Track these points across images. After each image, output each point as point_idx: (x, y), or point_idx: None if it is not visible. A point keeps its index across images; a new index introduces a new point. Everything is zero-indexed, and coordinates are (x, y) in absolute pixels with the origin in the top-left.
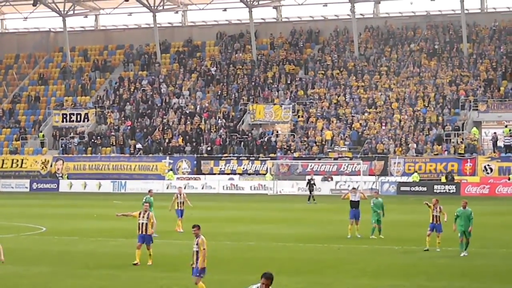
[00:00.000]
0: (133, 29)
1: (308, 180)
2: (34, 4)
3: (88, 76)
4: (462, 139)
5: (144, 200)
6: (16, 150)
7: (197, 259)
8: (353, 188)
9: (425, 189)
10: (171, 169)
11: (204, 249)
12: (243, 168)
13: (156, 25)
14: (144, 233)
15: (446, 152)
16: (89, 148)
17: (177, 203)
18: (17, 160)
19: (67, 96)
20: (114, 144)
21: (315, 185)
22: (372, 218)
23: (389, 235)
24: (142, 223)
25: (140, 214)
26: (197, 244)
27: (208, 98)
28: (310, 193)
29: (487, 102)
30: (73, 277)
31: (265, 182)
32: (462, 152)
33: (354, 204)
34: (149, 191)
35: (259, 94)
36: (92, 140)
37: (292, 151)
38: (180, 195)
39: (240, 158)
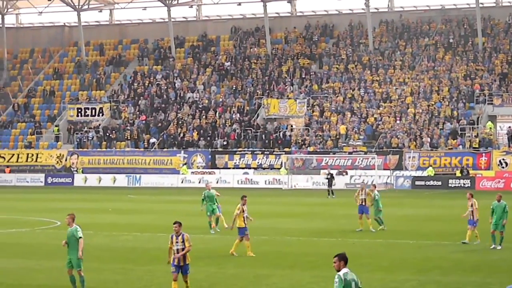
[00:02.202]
0: (147, 24)
1: (330, 174)
2: None
3: (103, 71)
4: (477, 133)
5: (203, 196)
6: (31, 145)
7: (184, 256)
8: (362, 187)
9: (439, 183)
10: (185, 164)
11: (189, 245)
12: (258, 163)
13: (171, 20)
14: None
15: (461, 146)
16: (104, 143)
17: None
18: (32, 155)
19: (82, 91)
20: (128, 138)
21: (334, 179)
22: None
23: (403, 229)
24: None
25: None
26: (182, 242)
27: (223, 93)
28: (330, 187)
29: (502, 96)
30: (87, 271)
31: (279, 177)
32: (477, 146)
33: (361, 200)
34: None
35: (273, 88)
36: (107, 135)
37: (306, 146)
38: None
39: (255, 152)
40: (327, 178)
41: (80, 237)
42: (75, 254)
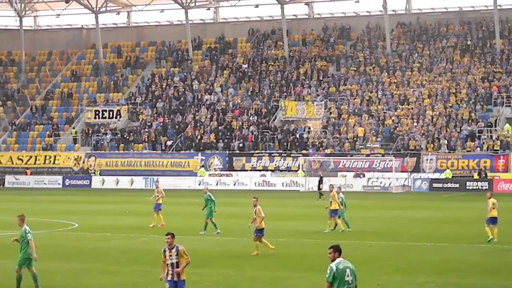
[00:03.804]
0: (165, 26)
1: (320, 177)
2: (66, 1)
3: (121, 73)
4: (495, 136)
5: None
6: (49, 147)
7: (177, 270)
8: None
9: (457, 185)
10: (203, 166)
11: (188, 258)
12: (275, 165)
13: (188, 22)
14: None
15: (478, 149)
16: (121, 145)
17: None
18: (50, 157)
19: (100, 93)
20: (146, 140)
21: (322, 182)
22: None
23: (421, 231)
24: (254, 218)
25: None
26: (176, 255)
27: (240, 95)
28: (320, 189)
29: None
30: (105, 273)
31: (297, 179)
32: (495, 148)
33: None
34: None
35: (291, 90)
36: (124, 137)
37: (324, 148)
38: (156, 188)
39: (272, 154)
40: (318, 181)
41: (30, 240)
42: (25, 254)
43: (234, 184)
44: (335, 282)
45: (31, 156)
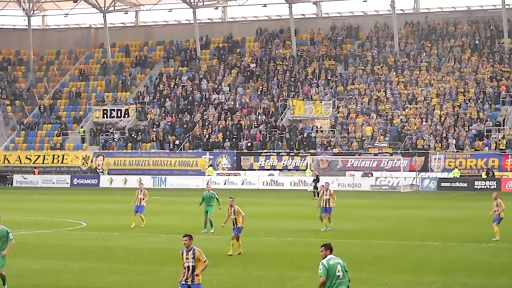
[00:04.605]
0: (173, 25)
1: (316, 176)
2: (75, 1)
3: (129, 72)
4: (503, 135)
5: (202, 196)
6: (57, 146)
7: (192, 274)
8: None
9: (465, 185)
10: (211, 165)
11: (205, 261)
12: (283, 164)
13: (196, 21)
14: (235, 226)
15: (487, 148)
16: (129, 144)
17: (138, 198)
18: (58, 156)
19: (108, 92)
20: (154, 140)
21: (319, 181)
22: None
23: (429, 231)
24: (234, 218)
25: (228, 210)
26: (193, 258)
27: (248, 94)
28: (316, 189)
29: None
30: (113, 272)
31: (305, 178)
32: (503, 148)
33: (325, 201)
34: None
35: (299, 90)
36: (133, 136)
37: (332, 147)
38: (141, 191)
39: (280, 154)
40: (313, 181)
41: (11, 239)
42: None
43: (242, 184)
44: (327, 277)
45: (39, 156)
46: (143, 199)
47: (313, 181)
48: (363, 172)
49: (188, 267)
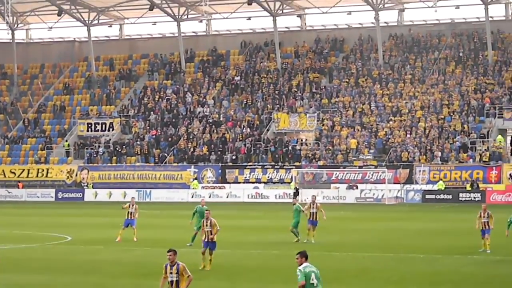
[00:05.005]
0: (157, 38)
1: (296, 189)
2: (59, 14)
3: (113, 86)
4: (487, 147)
5: (195, 210)
6: (42, 160)
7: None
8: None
9: (450, 197)
10: (195, 178)
11: (189, 276)
12: (268, 177)
13: (181, 34)
14: (208, 240)
15: (471, 160)
16: (114, 157)
17: (129, 212)
18: (43, 170)
19: (92, 106)
20: (139, 153)
21: (298, 194)
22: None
23: (414, 243)
24: (207, 231)
25: (203, 222)
26: (177, 273)
27: (233, 107)
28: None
29: None
30: (98, 286)
31: (290, 191)
32: (487, 160)
33: (312, 214)
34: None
35: (283, 102)
36: (117, 149)
37: (317, 160)
38: (133, 205)
39: (265, 166)
40: (293, 193)
41: None
42: None
43: (227, 197)
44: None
45: (23, 169)
46: (134, 213)
47: (293, 194)
48: (348, 185)
49: (172, 281)
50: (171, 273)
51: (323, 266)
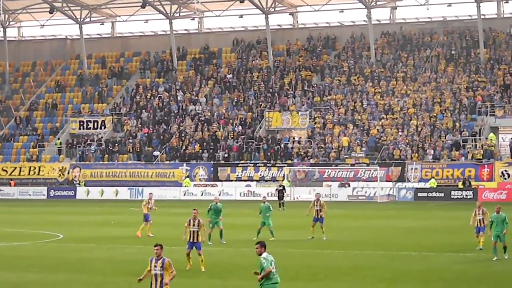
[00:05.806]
0: (149, 36)
1: (280, 187)
2: (50, 12)
3: (105, 83)
4: (480, 145)
5: (209, 207)
6: (34, 158)
7: (161, 283)
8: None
9: (442, 195)
10: (188, 176)
11: (173, 271)
12: (260, 175)
13: (173, 32)
14: (194, 240)
15: (463, 158)
16: (106, 155)
17: (148, 208)
18: (35, 168)
19: (84, 104)
20: (131, 151)
21: (285, 191)
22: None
23: (406, 241)
24: (193, 231)
25: (189, 221)
26: (161, 267)
27: (225, 105)
28: (280, 199)
29: (504, 107)
30: (90, 284)
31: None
32: (479, 157)
33: (316, 212)
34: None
35: (275, 100)
36: (109, 147)
37: (309, 158)
38: (151, 200)
39: (257, 164)
40: (277, 190)
41: None
42: None
43: (219, 195)
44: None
45: (15, 167)
46: (151, 208)
47: (276, 190)
48: (340, 183)
49: (156, 274)
50: (155, 266)
51: (315, 263)
